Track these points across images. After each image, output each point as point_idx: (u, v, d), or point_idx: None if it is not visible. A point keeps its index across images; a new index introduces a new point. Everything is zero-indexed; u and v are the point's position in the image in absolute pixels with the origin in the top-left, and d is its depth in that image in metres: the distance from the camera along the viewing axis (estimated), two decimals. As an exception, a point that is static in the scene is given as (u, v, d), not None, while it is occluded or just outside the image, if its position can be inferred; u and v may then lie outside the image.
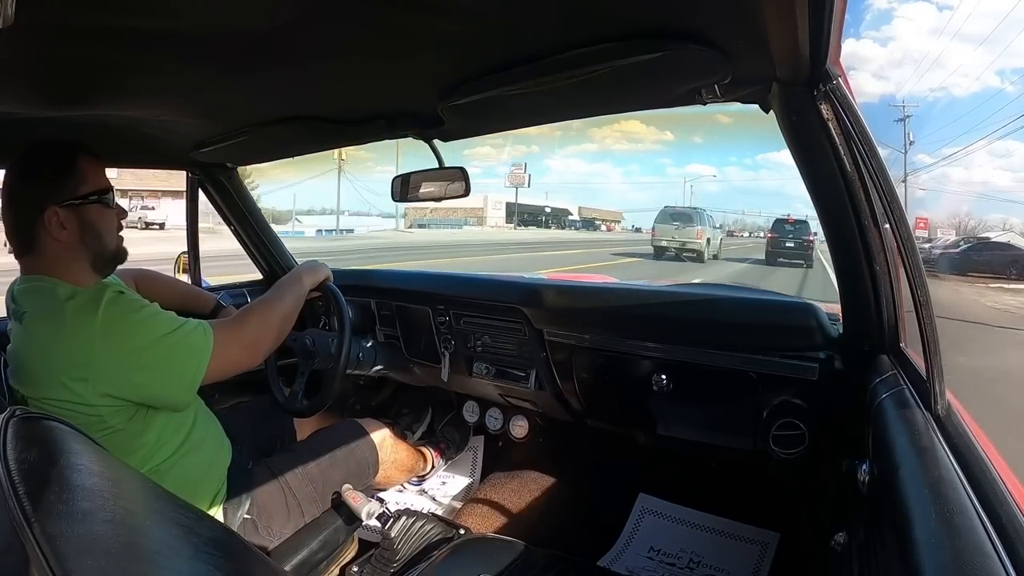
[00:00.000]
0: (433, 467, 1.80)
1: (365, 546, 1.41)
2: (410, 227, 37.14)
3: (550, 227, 48.91)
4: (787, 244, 16.81)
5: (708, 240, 15.97)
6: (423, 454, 1.77)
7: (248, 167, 2.03)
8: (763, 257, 17.47)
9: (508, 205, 47.31)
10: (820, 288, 10.39)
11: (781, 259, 16.41)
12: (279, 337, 1.13)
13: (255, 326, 1.08)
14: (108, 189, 1.03)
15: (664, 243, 15.61)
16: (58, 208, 0.96)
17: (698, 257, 15.27)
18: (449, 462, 1.88)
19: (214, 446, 1.15)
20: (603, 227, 55.72)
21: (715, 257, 16.79)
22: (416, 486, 1.79)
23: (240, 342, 1.05)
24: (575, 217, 55.85)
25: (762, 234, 24.07)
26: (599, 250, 20.59)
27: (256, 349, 1.08)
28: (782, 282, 11.39)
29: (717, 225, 19.12)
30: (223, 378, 1.05)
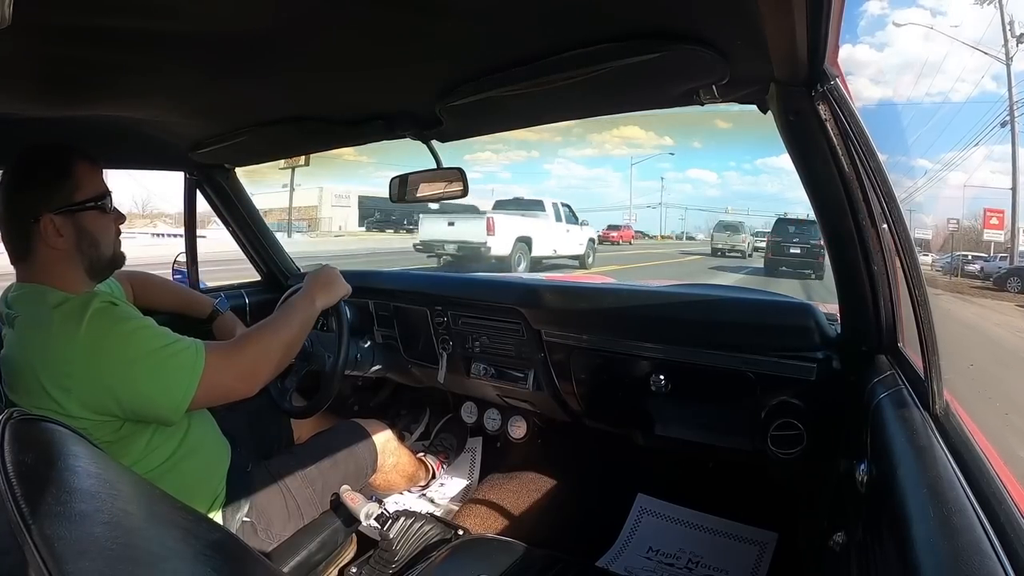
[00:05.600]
0: (434, 477, 1.79)
1: (364, 547, 1.40)
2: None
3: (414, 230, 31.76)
4: (792, 250, 14.19)
5: (748, 243, 21.79)
6: (425, 464, 1.76)
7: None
8: (761, 265, 15.46)
9: (363, 201, 32.99)
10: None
11: (784, 267, 14.19)
12: (280, 367, 1.08)
13: (253, 354, 1.02)
14: (105, 194, 1.01)
15: (720, 246, 21.23)
16: (54, 216, 0.95)
17: (742, 256, 20.57)
18: (448, 466, 1.88)
19: (212, 450, 1.14)
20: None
21: (750, 255, 21.21)
22: (416, 495, 1.79)
23: (234, 370, 0.99)
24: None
25: (744, 236, 22.80)
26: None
27: (252, 379, 1.01)
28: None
29: (751, 233, 24.58)
30: (214, 404, 1.01)
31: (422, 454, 1.80)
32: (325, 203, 31.80)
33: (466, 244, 10.79)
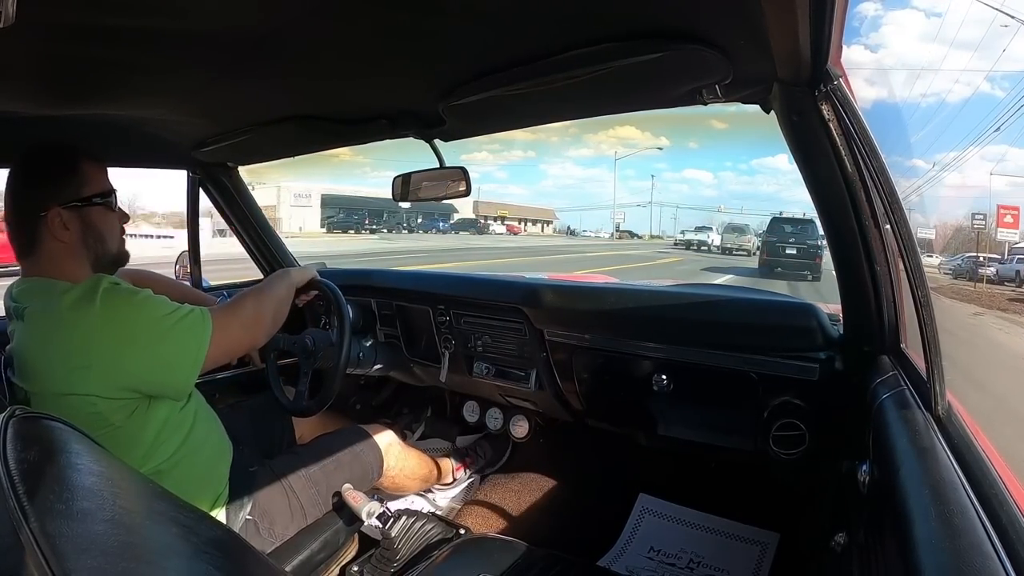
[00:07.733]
0: (455, 480, 1.76)
1: (365, 546, 1.41)
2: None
3: (380, 230, 33.32)
4: (788, 250, 13.48)
5: (753, 243, 23.91)
6: (436, 464, 1.72)
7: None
8: (755, 267, 14.90)
9: (326, 200, 32.92)
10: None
11: (780, 269, 13.44)
12: (276, 319, 1.15)
13: (251, 307, 1.10)
14: (110, 192, 1.04)
15: (728, 245, 24.39)
16: (61, 209, 0.97)
17: (747, 254, 22.83)
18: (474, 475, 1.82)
19: (215, 448, 1.15)
20: (495, 228, 43.91)
21: (754, 254, 22.24)
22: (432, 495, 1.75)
23: (239, 321, 1.06)
24: (464, 216, 42.40)
25: (749, 237, 22.99)
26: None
27: (256, 329, 1.10)
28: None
29: (756, 234, 26.85)
30: (227, 359, 1.06)
31: (443, 455, 1.78)
32: (283, 203, 31.25)
33: (703, 241, 26.73)
